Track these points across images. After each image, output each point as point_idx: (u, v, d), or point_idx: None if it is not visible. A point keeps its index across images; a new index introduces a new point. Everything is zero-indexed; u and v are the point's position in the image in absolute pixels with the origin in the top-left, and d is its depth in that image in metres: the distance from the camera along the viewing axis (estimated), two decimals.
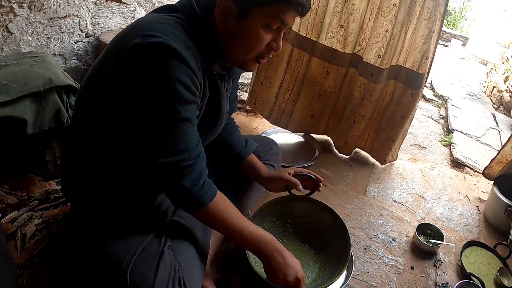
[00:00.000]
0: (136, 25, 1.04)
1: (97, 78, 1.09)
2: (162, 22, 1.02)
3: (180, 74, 0.96)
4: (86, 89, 1.15)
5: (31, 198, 1.82)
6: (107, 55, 1.09)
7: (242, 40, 1.09)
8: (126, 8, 2.82)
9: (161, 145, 1.02)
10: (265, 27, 1.07)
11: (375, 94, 2.47)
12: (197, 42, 1.05)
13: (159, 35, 0.96)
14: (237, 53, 1.14)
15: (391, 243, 2.05)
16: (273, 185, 1.59)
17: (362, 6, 2.30)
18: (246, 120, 3.02)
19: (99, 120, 1.09)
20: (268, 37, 1.10)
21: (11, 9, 2.14)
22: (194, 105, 1.05)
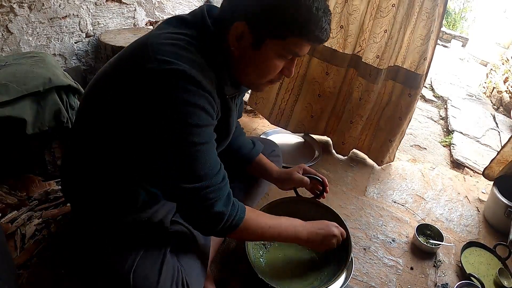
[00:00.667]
0: (147, 43, 1.01)
1: (103, 91, 1.08)
2: (174, 44, 0.99)
3: (197, 98, 0.95)
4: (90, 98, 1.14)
5: (30, 198, 1.82)
6: (114, 70, 1.08)
7: (255, 67, 1.09)
8: (126, 8, 2.81)
9: (181, 171, 1.00)
10: (279, 56, 1.06)
11: (373, 94, 2.47)
12: (211, 63, 1.04)
13: (174, 61, 0.94)
14: (249, 77, 1.13)
15: (390, 244, 2.05)
16: (284, 184, 1.61)
17: (362, 7, 2.31)
18: (246, 121, 3.02)
19: (103, 130, 1.08)
20: (281, 64, 1.09)
21: (11, 9, 2.13)
22: (211, 128, 1.04)
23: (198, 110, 0.96)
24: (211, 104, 0.99)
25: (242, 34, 1.02)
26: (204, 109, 0.97)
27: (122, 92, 1.00)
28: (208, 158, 1.03)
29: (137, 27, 2.95)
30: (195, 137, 0.97)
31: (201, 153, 1.00)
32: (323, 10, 1.01)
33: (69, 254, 1.51)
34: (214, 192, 1.04)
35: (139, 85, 0.96)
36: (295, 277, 1.48)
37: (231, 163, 1.58)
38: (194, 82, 0.94)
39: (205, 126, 0.99)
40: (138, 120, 0.99)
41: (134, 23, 2.94)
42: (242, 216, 1.13)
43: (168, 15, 3.15)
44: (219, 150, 1.33)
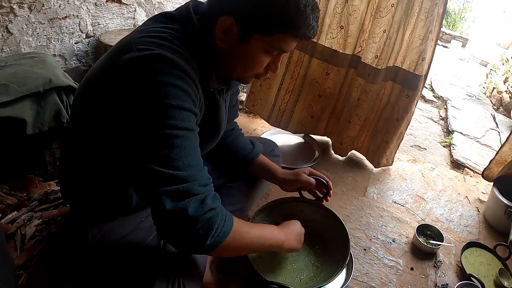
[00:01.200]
0: (131, 39, 1.01)
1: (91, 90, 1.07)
2: (157, 37, 0.99)
3: (178, 80, 0.93)
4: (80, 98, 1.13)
5: (30, 199, 1.81)
6: (101, 68, 1.07)
7: (242, 61, 1.08)
8: (126, 9, 2.81)
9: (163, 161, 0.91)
10: (266, 52, 1.06)
11: (371, 94, 2.47)
12: (195, 56, 1.03)
13: (154, 48, 0.94)
14: (235, 71, 1.13)
15: (391, 244, 2.05)
16: (290, 185, 1.58)
17: (362, 7, 2.30)
18: (245, 121, 3.02)
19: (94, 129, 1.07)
20: (267, 59, 1.09)
21: (11, 10, 2.14)
22: (194, 116, 0.98)
23: (179, 91, 0.92)
24: (192, 90, 0.97)
25: (229, 27, 1.01)
26: (186, 91, 0.94)
27: (107, 87, 0.99)
28: (192, 148, 0.96)
29: None
30: (175, 120, 0.91)
31: (182, 140, 0.93)
32: (311, 7, 1.01)
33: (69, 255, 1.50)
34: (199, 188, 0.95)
35: (119, 75, 0.95)
36: (295, 275, 1.48)
37: (231, 165, 1.58)
38: (174, 65, 0.93)
39: (187, 110, 0.94)
40: (122, 112, 0.95)
41: (134, 24, 2.94)
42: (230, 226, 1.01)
43: None
44: (209, 147, 1.33)
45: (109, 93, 0.97)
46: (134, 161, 0.93)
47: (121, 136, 0.98)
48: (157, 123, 0.90)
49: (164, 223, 0.93)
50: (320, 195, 1.61)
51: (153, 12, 3.04)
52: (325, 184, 1.59)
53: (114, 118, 0.98)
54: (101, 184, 1.17)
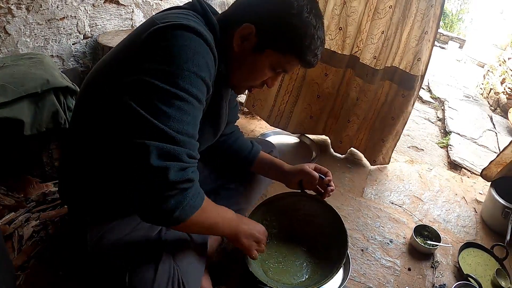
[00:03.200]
0: (153, 18, 1.04)
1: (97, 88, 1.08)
2: (182, 13, 1.03)
3: (203, 50, 0.95)
4: (84, 98, 1.14)
5: (28, 200, 1.81)
6: (116, 52, 1.08)
7: (247, 69, 1.15)
8: (124, 10, 2.81)
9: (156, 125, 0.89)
10: (271, 67, 1.14)
11: (370, 94, 2.48)
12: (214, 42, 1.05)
13: (182, 20, 0.96)
14: (236, 77, 1.18)
15: (388, 245, 2.05)
16: (295, 177, 1.57)
17: (360, 8, 2.32)
18: (243, 122, 3.02)
19: (98, 126, 1.08)
20: (269, 75, 1.17)
21: (9, 10, 2.13)
22: (206, 89, 0.99)
23: (201, 58, 0.94)
24: (211, 62, 0.99)
25: (249, 35, 1.08)
26: (206, 61, 0.96)
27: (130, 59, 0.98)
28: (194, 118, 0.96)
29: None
30: (188, 84, 0.92)
31: (188, 106, 0.93)
32: (321, 41, 1.13)
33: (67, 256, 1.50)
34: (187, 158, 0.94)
35: (143, 44, 0.96)
36: (291, 276, 1.48)
37: (233, 166, 1.59)
38: (199, 34, 0.95)
39: (202, 79, 0.95)
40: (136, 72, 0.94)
41: (132, 25, 2.94)
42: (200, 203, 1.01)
43: None
44: (208, 143, 1.33)
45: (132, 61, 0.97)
46: (134, 110, 0.91)
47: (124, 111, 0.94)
48: (169, 80, 0.90)
49: (140, 178, 0.89)
50: (322, 190, 1.61)
51: (151, 13, 3.04)
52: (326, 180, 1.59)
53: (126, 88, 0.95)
54: (100, 185, 1.17)
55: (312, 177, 1.54)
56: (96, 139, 1.10)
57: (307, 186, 1.57)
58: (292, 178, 1.57)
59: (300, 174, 1.55)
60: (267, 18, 1.07)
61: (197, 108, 0.96)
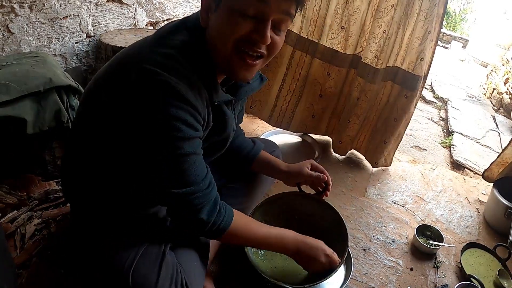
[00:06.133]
0: (141, 50, 1.05)
1: (98, 93, 1.10)
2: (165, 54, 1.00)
3: (182, 112, 0.97)
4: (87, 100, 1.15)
5: (30, 198, 1.82)
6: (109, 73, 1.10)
7: (220, 29, 1.02)
8: (126, 9, 2.81)
9: (170, 178, 1.04)
10: (239, 12, 0.98)
11: (370, 94, 2.47)
12: (198, 69, 1.03)
13: (161, 72, 0.95)
14: (217, 50, 1.05)
15: (390, 245, 2.05)
16: (293, 178, 1.59)
17: (363, 7, 2.31)
18: (245, 122, 3.01)
19: (99, 130, 1.09)
20: (246, 24, 0.99)
21: (12, 9, 2.13)
22: (198, 139, 1.06)
23: (183, 124, 0.98)
24: (195, 118, 1.01)
25: (209, 4, 1.03)
26: (188, 123, 0.99)
27: (113, 95, 1.03)
28: (195, 167, 1.06)
29: (138, 28, 2.95)
30: (179, 149, 1.00)
31: (186, 163, 1.03)
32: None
33: (69, 254, 1.50)
34: (200, 198, 1.08)
35: (127, 92, 0.99)
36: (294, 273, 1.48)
37: (233, 163, 1.58)
38: (178, 96, 0.96)
39: (190, 139, 1.02)
40: (128, 127, 1.02)
41: (135, 24, 2.94)
42: (229, 222, 1.17)
43: (169, 15, 3.15)
44: (216, 155, 1.33)
45: (118, 101, 1.02)
46: (155, 185, 1.09)
47: (126, 143, 1.05)
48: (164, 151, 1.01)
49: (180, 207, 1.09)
50: (320, 189, 1.61)
51: (154, 12, 3.04)
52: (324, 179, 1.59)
53: (121, 124, 1.03)
54: (103, 183, 1.18)
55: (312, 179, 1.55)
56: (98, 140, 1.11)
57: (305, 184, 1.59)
58: (290, 179, 1.59)
59: (298, 176, 1.57)
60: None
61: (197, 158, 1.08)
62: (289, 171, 1.57)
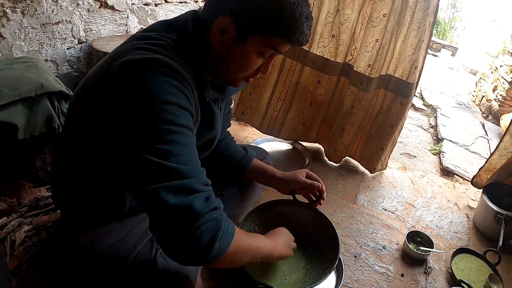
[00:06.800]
0: (129, 45, 1.02)
1: (86, 95, 1.08)
2: (156, 44, 1.00)
3: (176, 81, 0.94)
4: (76, 104, 1.14)
5: (21, 204, 1.80)
6: (98, 71, 1.08)
7: (235, 62, 1.08)
8: (118, 15, 2.81)
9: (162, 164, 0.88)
10: (259, 53, 1.06)
11: (365, 102, 2.50)
12: (190, 65, 1.04)
13: (150, 53, 0.95)
14: (227, 73, 1.12)
15: (381, 251, 2.06)
16: (288, 186, 1.57)
17: (354, 16, 2.33)
18: (236, 129, 3.02)
19: (89, 134, 1.08)
20: (259, 62, 1.09)
21: (4, 14, 2.13)
22: (190, 116, 0.98)
23: (175, 89, 0.93)
24: (189, 92, 0.97)
25: (226, 28, 1.03)
26: (182, 91, 0.94)
27: (104, 88, 0.99)
28: (191, 146, 0.96)
29: (130, 34, 2.94)
30: (173, 116, 0.91)
31: (180, 137, 0.92)
32: (306, 16, 1.03)
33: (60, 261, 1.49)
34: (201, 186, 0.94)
35: (116, 76, 0.95)
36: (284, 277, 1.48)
37: (225, 171, 1.58)
38: (171, 68, 0.94)
39: (184, 108, 0.94)
40: (117, 111, 0.95)
41: (127, 30, 2.94)
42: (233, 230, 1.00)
43: None
44: (203, 156, 1.33)
45: (106, 95, 0.98)
46: (131, 158, 0.91)
47: (116, 137, 0.97)
48: (154, 118, 0.89)
49: (166, 223, 0.88)
50: (314, 198, 1.62)
51: (146, 19, 3.04)
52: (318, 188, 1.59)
53: (110, 119, 0.97)
54: (94, 189, 1.17)
55: (307, 187, 1.55)
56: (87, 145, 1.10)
57: (299, 193, 1.58)
58: (284, 186, 1.57)
59: (293, 183, 1.55)
60: (240, 4, 1.01)
61: (189, 135, 0.95)
62: (283, 178, 1.56)
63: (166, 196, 0.87)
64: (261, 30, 1.02)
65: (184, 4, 3.28)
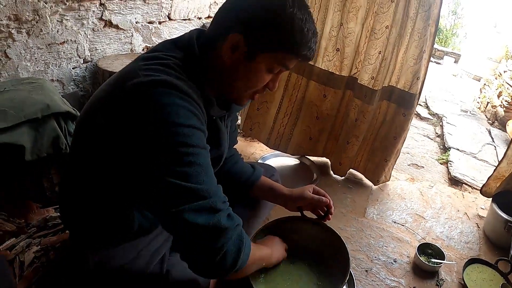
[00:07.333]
0: (136, 66, 1.03)
1: (94, 115, 1.08)
2: (161, 64, 1.02)
3: (185, 102, 0.95)
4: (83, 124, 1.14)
5: (29, 225, 1.80)
6: (104, 93, 1.08)
7: (245, 78, 1.11)
8: (123, 34, 2.84)
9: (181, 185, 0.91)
10: (268, 70, 1.10)
11: (369, 115, 2.49)
12: (196, 84, 1.05)
13: (158, 74, 0.96)
14: (235, 89, 1.15)
15: (392, 264, 2.04)
16: (295, 203, 1.56)
17: (357, 29, 2.34)
18: (243, 145, 3.02)
19: (96, 154, 1.08)
20: (268, 78, 1.13)
21: (10, 34, 2.15)
22: (203, 134, 1.00)
23: (186, 111, 0.94)
24: (198, 111, 0.99)
25: (238, 44, 1.05)
26: (192, 111, 0.96)
27: (113, 111, 1.00)
28: (207, 165, 0.98)
29: (134, 53, 2.97)
30: (187, 138, 0.92)
31: (197, 158, 0.94)
32: (312, 31, 1.08)
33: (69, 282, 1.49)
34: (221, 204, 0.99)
35: (125, 100, 0.96)
36: None
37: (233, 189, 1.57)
38: (178, 88, 0.95)
39: (196, 128, 0.96)
40: (129, 135, 0.96)
41: (131, 49, 2.96)
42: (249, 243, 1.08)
43: None
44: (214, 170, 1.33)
45: (115, 118, 0.99)
46: (150, 182, 0.94)
47: (127, 160, 0.98)
48: (169, 142, 0.91)
49: (194, 242, 0.93)
50: (322, 213, 1.61)
51: (150, 37, 3.06)
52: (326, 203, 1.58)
53: (120, 142, 0.98)
54: (101, 209, 1.16)
55: (315, 203, 1.54)
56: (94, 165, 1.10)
57: (307, 209, 1.57)
58: (292, 203, 1.56)
59: (301, 200, 1.54)
60: (251, 22, 1.04)
61: (205, 155, 0.98)
62: (291, 194, 1.55)
63: (192, 217, 0.91)
64: (271, 46, 1.06)
65: (188, 21, 3.31)
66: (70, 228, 1.31)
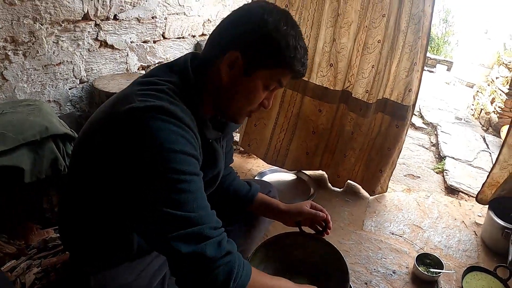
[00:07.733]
0: (131, 91, 1.05)
1: (91, 137, 1.09)
2: (156, 89, 1.03)
3: (179, 128, 0.96)
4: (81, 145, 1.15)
5: (29, 247, 1.80)
6: (101, 116, 1.09)
7: (242, 95, 1.13)
8: (118, 54, 2.85)
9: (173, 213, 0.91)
10: (265, 86, 1.13)
11: (364, 128, 2.52)
12: (191, 108, 1.07)
13: (153, 99, 0.98)
14: (233, 107, 1.17)
15: (391, 276, 2.05)
16: (293, 219, 1.58)
17: (349, 44, 2.38)
18: (240, 162, 3.04)
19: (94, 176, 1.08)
20: (264, 95, 1.15)
21: (6, 56, 2.17)
22: (196, 161, 1.01)
23: (179, 137, 0.95)
24: (191, 137, 0.99)
25: (235, 62, 1.08)
26: (185, 137, 0.97)
27: (108, 136, 1.01)
28: (199, 192, 0.98)
29: (130, 72, 2.99)
30: (180, 165, 0.93)
31: (189, 185, 0.94)
32: (304, 48, 1.12)
33: None
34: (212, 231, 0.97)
35: (120, 124, 0.97)
36: None
37: (231, 207, 1.59)
38: (172, 115, 0.96)
39: (189, 155, 0.96)
40: (123, 160, 0.97)
41: (127, 68, 2.98)
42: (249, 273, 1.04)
43: (160, 59, 3.20)
44: (208, 192, 1.33)
45: (111, 141, 1.00)
46: (139, 208, 0.95)
47: (122, 183, 0.99)
48: (160, 168, 0.92)
49: (181, 270, 0.94)
50: (320, 228, 1.62)
51: (145, 56, 3.09)
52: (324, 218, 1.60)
53: (115, 165, 0.99)
54: (100, 229, 1.17)
55: (312, 217, 1.55)
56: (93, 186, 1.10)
57: (305, 225, 1.58)
58: (290, 218, 1.58)
59: (298, 215, 1.56)
60: (247, 40, 1.07)
61: (197, 182, 0.98)
62: (288, 210, 1.57)
63: (178, 245, 0.90)
64: (268, 63, 1.09)
65: (182, 39, 3.33)
66: (70, 249, 1.32)
